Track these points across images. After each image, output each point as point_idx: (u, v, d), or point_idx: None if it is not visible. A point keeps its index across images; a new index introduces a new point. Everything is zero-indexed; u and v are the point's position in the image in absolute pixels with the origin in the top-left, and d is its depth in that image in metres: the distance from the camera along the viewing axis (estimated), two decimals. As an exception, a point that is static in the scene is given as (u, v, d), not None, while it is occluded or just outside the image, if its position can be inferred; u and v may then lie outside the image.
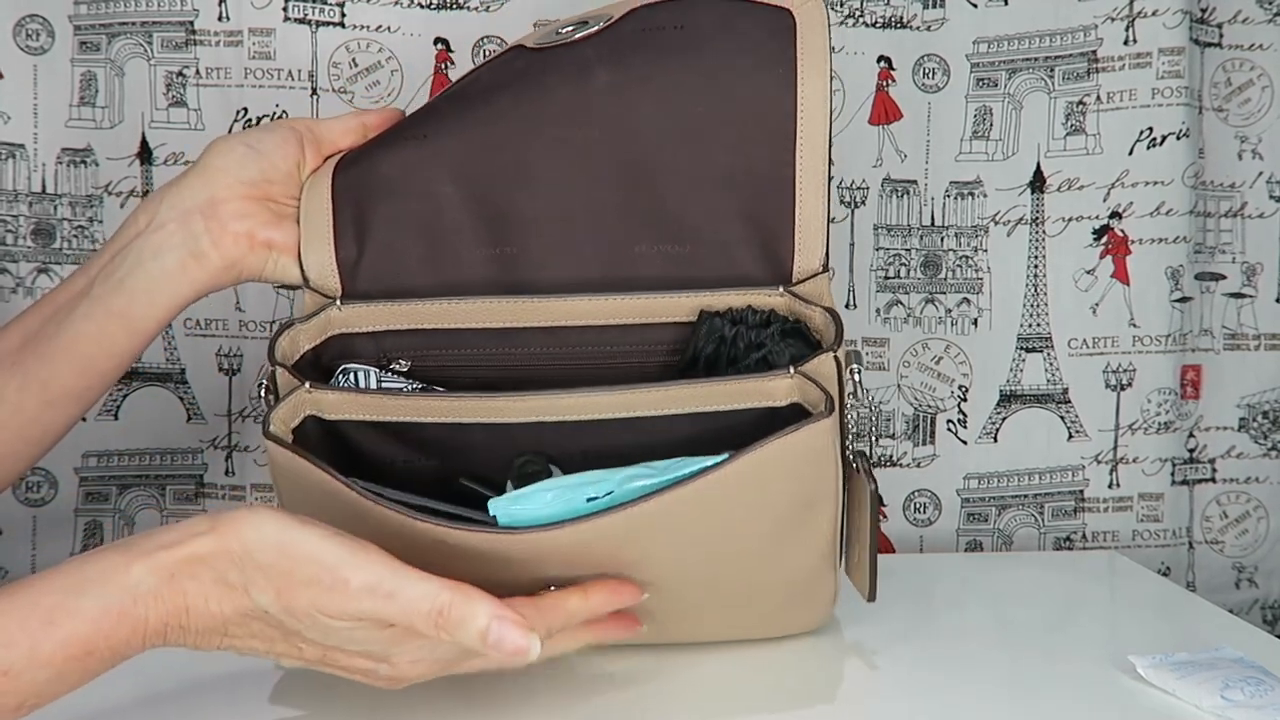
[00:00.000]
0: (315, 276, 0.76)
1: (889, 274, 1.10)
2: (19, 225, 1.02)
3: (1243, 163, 1.14)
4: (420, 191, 0.76)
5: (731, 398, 0.71)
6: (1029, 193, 1.10)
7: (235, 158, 0.77)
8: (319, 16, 1.02)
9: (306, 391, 0.71)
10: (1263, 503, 1.17)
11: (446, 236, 0.77)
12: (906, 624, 0.84)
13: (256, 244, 0.76)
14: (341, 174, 0.77)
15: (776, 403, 0.71)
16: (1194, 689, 0.70)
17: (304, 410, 0.71)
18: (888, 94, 1.09)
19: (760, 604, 0.76)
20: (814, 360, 0.71)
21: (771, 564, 0.73)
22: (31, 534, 1.03)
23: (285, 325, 0.75)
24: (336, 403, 0.72)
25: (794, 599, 0.77)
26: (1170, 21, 1.09)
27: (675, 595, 0.70)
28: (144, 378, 1.04)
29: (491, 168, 0.76)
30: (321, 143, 0.80)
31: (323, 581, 0.58)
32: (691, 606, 0.73)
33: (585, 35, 0.77)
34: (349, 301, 0.76)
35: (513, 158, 0.76)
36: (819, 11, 0.75)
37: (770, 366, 0.74)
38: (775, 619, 0.78)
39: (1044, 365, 1.11)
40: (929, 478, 1.11)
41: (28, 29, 1.01)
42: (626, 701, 0.71)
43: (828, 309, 0.74)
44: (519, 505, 0.64)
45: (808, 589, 0.76)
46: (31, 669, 0.56)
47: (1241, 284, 1.15)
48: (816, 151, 0.75)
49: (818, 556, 0.74)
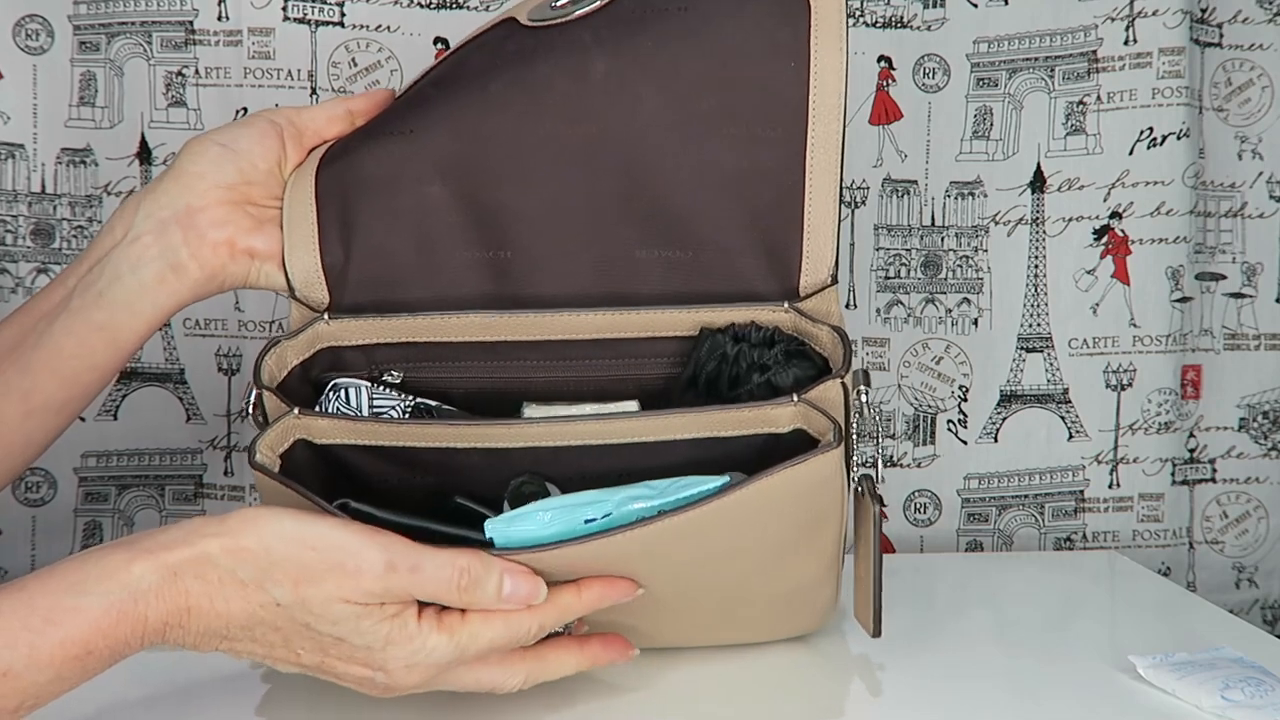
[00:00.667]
0: (301, 285, 0.73)
1: (889, 274, 1.10)
2: (18, 225, 1.02)
3: (1243, 163, 1.14)
4: (408, 190, 0.73)
5: (733, 425, 0.68)
6: (1029, 193, 1.10)
7: (210, 160, 0.73)
8: (318, 16, 1.02)
9: (295, 417, 0.68)
10: (1263, 503, 1.17)
11: (437, 238, 0.73)
12: (906, 624, 0.84)
13: (238, 252, 0.73)
14: (325, 171, 0.73)
15: (779, 430, 0.69)
16: (1194, 689, 0.70)
17: (293, 435, 0.68)
18: (888, 94, 1.09)
19: (760, 611, 0.75)
20: (819, 387, 0.68)
21: (772, 578, 0.72)
22: (31, 534, 1.03)
23: (272, 343, 0.72)
24: (327, 428, 0.69)
25: (794, 605, 0.76)
26: (1170, 21, 1.09)
27: (671, 608, 0.70)
28: (143, 378, 1.04)
29: (483, 164, 0.73)
30: (304, 134, 0.76)
31: (346, 566, 0.58)
32: (688, 616, 0.73)
33: (583, 14, 0.72)
34: (338, 316, 0.73)
35: (505, 154, 0.72)
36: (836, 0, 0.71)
37: (774, 390, 0.71)
38: (774, 624, 0.78)
39: (1044, 365, 1.11)
40: (929, 478, 1.11)
41: (27, 29, 1.01)
42: (625, 706, 0.71)
43: (835, 328, 0.71)
44: (515, 526, 0.63)
45: (809, 595, 0.75)
46: (31, 670, 0.55)
47: (1242, 284, 1.15)
48: (829, 153, 0.72)
49: (821, 568, 0.73)
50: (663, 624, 0.71)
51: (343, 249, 0.73)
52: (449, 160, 0.73)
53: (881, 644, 0.79)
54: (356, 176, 0.73)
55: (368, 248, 0.73)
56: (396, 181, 0.73)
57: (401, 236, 0.73)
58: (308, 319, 0.73)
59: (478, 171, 0.73)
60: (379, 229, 0.73)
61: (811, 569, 0.73)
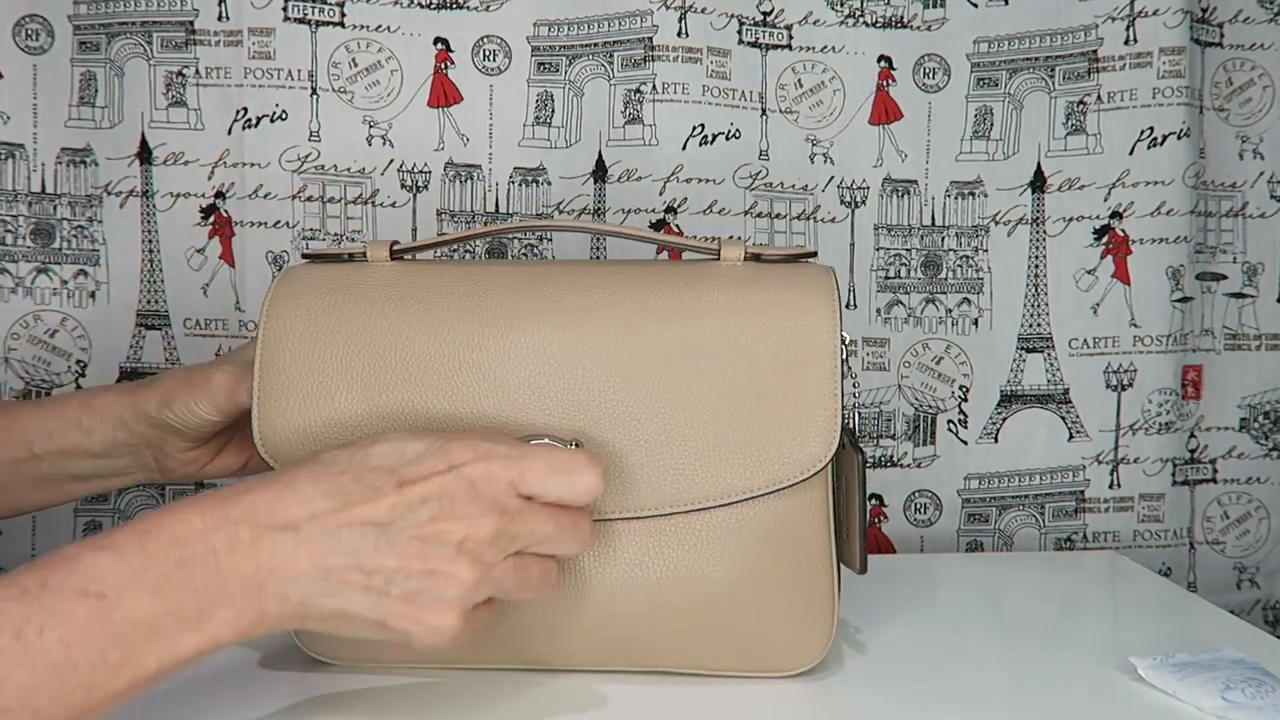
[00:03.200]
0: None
1: (889, 274, 1.10)
2: (18, 225, 1.02)
3: (1243, 162, 1.14)
4: None
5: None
6: (1029, 192, 1.10)
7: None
8: (319, 16, 1.02)
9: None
10: (1264, 503, 1.17)
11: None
12: (907, 624, 0.84)
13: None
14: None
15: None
16: (1194, 690, 0.70)
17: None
18: (888, 94, 1.09)
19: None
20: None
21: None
22: (31, 534, 1.02)
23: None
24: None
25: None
26: (1171, 21, 1.08)
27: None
28: (143, 378, 1.04)
29: None
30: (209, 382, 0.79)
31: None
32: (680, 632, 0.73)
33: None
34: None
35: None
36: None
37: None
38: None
39: (1045, 365, 1.11)
40: (930, 478, 1.11)
41: (27, 29, 1.01)
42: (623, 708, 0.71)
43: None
44: None
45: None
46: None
47: (1242, 284, 1.15)
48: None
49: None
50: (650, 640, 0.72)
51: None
52: None
53: (881, 644, 0.79)
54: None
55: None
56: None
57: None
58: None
59: None
60: None
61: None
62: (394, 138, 1.04)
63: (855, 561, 0.75)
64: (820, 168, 1.09)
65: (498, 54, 1.05)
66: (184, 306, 1.04)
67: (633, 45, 1.05)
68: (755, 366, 0.71)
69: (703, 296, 0.73)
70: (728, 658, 0.73)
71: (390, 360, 0.72)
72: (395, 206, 1.05)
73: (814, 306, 0.72)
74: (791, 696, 0.72)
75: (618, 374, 0.71)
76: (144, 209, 1.02)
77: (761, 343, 0.71)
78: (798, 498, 0.71)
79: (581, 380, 0.71)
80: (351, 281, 0.75)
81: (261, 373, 0.72)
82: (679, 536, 0.70)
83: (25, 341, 1.02)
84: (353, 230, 1.04)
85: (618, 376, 0.71)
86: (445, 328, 0.72)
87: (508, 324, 0.72)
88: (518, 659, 0.73)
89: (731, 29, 1.07)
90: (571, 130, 1.06)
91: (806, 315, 0.72)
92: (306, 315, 0.73)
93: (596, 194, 1.06)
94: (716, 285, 0.73)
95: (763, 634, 0.72)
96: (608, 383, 0.71)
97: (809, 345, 0.71)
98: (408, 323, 0.72)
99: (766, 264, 0.76)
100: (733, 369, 0.71)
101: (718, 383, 0.71)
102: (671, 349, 0.71)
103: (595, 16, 1.05)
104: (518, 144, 1.05)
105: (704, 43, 1.06)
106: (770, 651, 0.73)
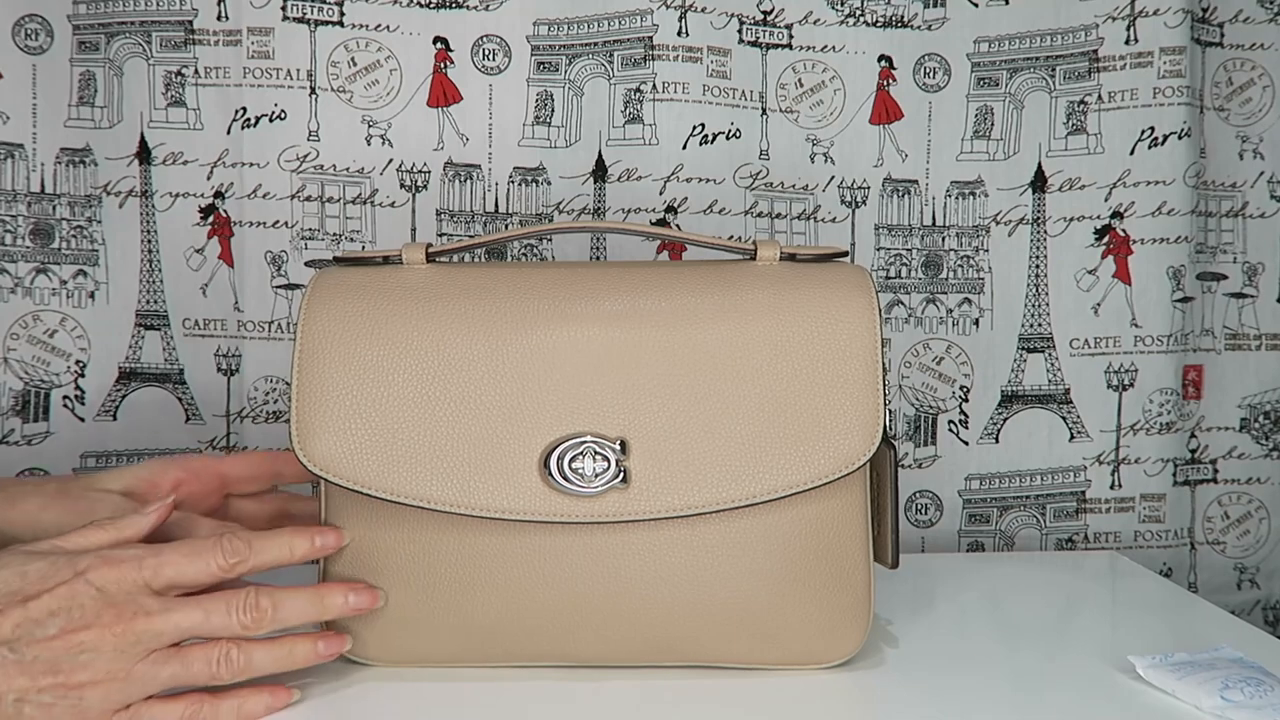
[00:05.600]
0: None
1: (890, 274, 1.10)
2: (18, 225, 1.02)
3: (1244, 162, 1.14)
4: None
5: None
6: (1030, 192, 1.10)
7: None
8: (318, 15, 1.02)
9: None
10: (1264, 503, 1.16)
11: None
12: (907, 624, 0.84)
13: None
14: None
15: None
16: (1193, 689, 0.70)
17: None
18: (888, 93, 1.08)
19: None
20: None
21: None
22: None
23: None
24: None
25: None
26: (1171, 21, 1.08)
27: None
28: (142, 378, 1.04)
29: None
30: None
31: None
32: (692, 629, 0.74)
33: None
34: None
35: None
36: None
37: None
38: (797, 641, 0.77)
39: (1045, 365, 1.11)
40: (930, 478, 1.11)
41: (27, 29, 1.01)
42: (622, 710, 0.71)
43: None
44: None
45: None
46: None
47: (1243, 284, 1.15)
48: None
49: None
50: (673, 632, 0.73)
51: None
52: None
53: (882, 644, 0.79)
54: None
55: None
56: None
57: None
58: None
59: None
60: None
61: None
62: (393, 137, 1.04)
63: (887, 556, 0.76)
64: (820, 167, 1.08)
65: (497, 53, 1.05)
66: (183, 306, 1.04)
67: (633, 45, 1.05)
68: (798, 365, 0.72)
69: (744, 297, 0.74)
70: (768, 651, 0.74)
71: (433, 363, 0.72)
72: (394, 206, 1.05)
73: (855, 305, 0.74)
74: (827, 687, 0.73)
75: (661, 375, 0.72)
76: (143, 209, 1.02)
77: (804, 341, 0.73)
78: (839, 494, 0.72)
79: (625, 381, 0.72)
80: (391, 284, 0.75)
81: (299, 377, 0.72)
82: (723, 534, 0.71)
83: (24, 341, 1.02)
84: (352, 230, 1.04)
85: (661, 377, 0.72)
86: (488, 330, 0.72)
87: (551, 326, 0.72)
88: (561, 656, 0.73)
89: (732, 28, 1.07)
90: (571, 130, 1.06)
91: (847, 314, 0.73)
92: (344, 319, 0.73)
93: (596, 194, 1.06)
94: (757, 285, 0.75)
95: (803, 628, 0.73)
96: (652, 383, 0.72)
97: (850, 343, 0.73)
98: (450, 326, 0.73)
99: (802, 264, 0.77)
100: (776, 368, 0.72)
101: (761, 381, 0.72)
102: (715, 349, 0.72)
103: (595, 16, 1.05)
104: (517, 144, 1.05)
105: (704, 42, 1.06)
106: (809, 645, 0.74)
